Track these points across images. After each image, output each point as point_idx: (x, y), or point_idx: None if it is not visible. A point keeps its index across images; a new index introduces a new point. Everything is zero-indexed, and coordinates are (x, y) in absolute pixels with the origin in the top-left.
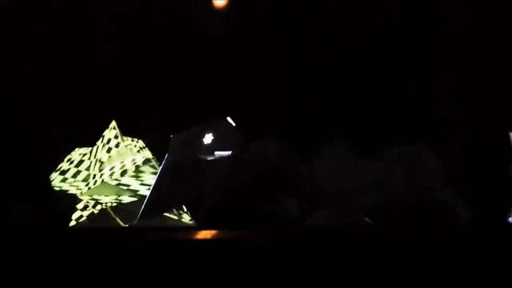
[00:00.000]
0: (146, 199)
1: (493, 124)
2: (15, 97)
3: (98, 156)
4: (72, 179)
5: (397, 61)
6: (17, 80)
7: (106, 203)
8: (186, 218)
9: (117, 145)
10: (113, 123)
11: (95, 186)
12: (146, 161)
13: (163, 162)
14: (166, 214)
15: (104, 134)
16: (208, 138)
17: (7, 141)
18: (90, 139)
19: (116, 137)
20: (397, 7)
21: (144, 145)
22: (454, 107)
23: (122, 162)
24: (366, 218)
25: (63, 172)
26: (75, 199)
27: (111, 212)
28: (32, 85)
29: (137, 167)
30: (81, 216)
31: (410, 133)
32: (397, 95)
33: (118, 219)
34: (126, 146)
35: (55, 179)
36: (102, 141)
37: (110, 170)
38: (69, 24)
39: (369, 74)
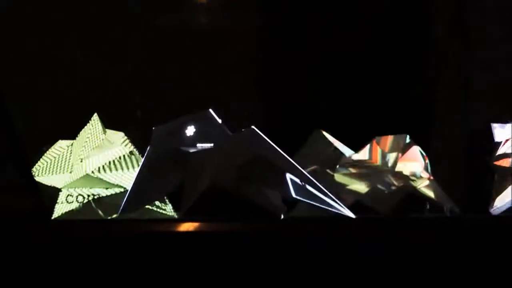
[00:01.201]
0: (129, 191)
1: (476, 115)
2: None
3: (80, 149)
4: (55, 172)
5: (384, 55)
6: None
7: (88, 195)
8: (169, 210)
9: (99, 138)
10: (96, 116)
11: (77, 178)
12: (129, 154)
13: (145, 155)
14: (148, 206)
15: (86, 126)
16: (190, 130)
17: None
18: (72, 131)
19: (98, 130)
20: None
21: (126, 137)
22: (439, 99)
23: (104, 155)
24: (347, 210)
25: (45, 164)
26: (57, 192)
27: (94, 205)
28: (15, 77)
29: (119, 159)
30: (64, 209)
31: (394, 125)
32: (383, 87)
33: (100, 212)
34: (108, 139)
35: (38, 172)
36: (84, 134)
37: (92, 163)
38: (53, 20)
39: (356, 67)
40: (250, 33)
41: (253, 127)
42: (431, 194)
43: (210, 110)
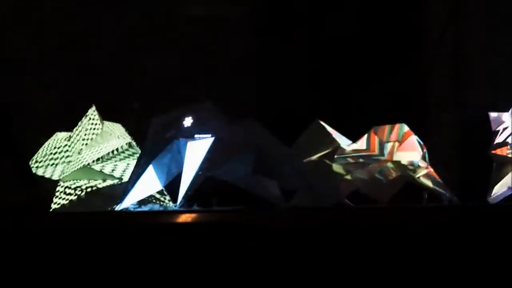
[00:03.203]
0: (127, 183)
1: (474, 104)
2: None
3: (78, 140)
4: (52, 164)
5: (381, 43)
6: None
7: (86, 187)
8: (167, 202)
9: (97, 129)
10: (93, 107)
11: (75, 170)
12: (127, 145)
13: (144, 146)
14: (146, 197)
15: (84, 118)
16: (188, 121)
17: None
18: (70, 123)
19: (96, 121)
20: None
21: (124, 129)
22: (436, 88)
23: (102, 146)
24: (347, 200)
25: (43, 157)
26: (55, 183)
27: (92, 197)
28: (12, 69)
29: (118, 151)
30: (62, 201)
31: (391, 115)
32: (380, 77)
33: (98, 204)
34: (106, 130)
35: (36, 164)
36: (82, 126)
37: (90, 154)
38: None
39: (353, 56)
40: (248, 23)
41: (251, 117)
42: (429, 183)
43: (209, 101)
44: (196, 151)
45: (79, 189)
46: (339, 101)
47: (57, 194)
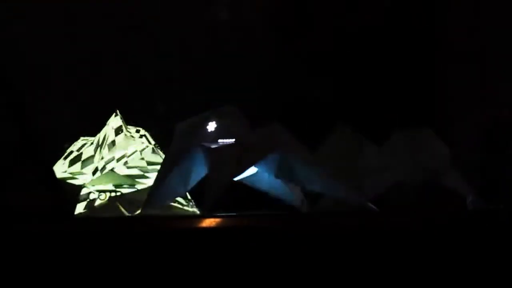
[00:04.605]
0: (151, 188)
1: (499, 105)
2: (20, 85)
3: (102, 146)
4: (77, 169)
5: (400, 43)
6: (22, 69)
7: (110, 192)
8: (191, 207)
9: (121, 134)
10: (117, 112)
11: (99, 175)
12: (151, 150)
13: (168, 150)
14: (171, 203)
15: (108, 123)
16: (212, 126)
17: (14, 129)
18: (93, 128)
19: (120, 126)
20: None
21: (148, 134)
22: (459, 89)
23: (126, 151)
24: (370, 204)
25: (67, 162)
26: (79, 188)
27: (116, 201)
28: (36, 74)
29: (142, 156)
30: (86, 205)
31: (415, 117)
32: (401, 78)
33: (122, 208)
34: (130, 135)
35: (59, 169)
36: (106, 130)
37: (114, 159)
38: (72, 13)
39: (373, 58)
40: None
41: (276, 122)
42: (453, 186)
43: (233, 106)
44: (219, 156)
45: (103, 194)
46: (360, 105)
47: (81, 199)
